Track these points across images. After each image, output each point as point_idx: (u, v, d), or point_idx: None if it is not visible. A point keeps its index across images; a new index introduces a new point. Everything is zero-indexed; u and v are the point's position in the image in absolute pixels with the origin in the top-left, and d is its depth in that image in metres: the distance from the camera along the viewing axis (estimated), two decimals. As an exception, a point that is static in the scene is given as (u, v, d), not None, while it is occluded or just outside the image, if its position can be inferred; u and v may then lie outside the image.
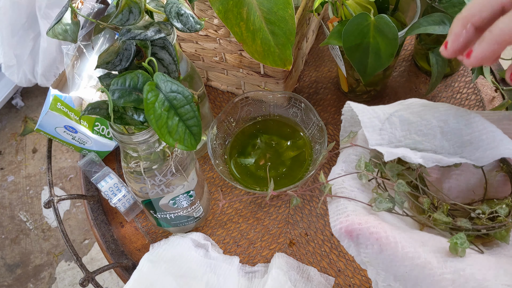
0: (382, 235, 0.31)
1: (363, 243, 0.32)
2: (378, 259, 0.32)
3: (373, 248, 0.31)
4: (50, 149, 0.62)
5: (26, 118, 1.58)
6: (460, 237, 0.31)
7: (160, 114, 0.37)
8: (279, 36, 0.47)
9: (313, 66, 0.69)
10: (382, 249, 0.31)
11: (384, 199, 0.34)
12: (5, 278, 1.31)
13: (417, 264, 0.30)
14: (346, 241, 0.33)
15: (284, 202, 0.59)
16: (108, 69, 0.40)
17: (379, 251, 0.31)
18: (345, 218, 0.33)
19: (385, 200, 0.34)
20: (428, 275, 0.30)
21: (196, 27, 0.41)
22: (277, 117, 0.62)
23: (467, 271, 0.30)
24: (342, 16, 0.52)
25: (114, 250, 0.58)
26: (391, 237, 0.31)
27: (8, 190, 1.45)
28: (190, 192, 0.50)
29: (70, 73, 0.59)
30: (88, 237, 1.34)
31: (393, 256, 0.31)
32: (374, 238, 0.31)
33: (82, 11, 0.59)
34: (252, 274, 0.53)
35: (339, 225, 0.33)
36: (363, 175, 0.35)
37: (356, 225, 0.32)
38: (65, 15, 0.42)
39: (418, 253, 0.30)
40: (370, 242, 0.31)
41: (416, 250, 0.31)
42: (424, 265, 0.30)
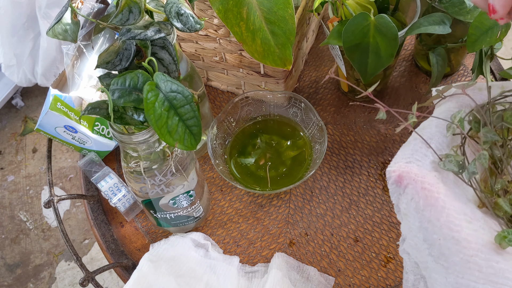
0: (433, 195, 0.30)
1: (409, 194, 0.31)
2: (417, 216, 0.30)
3: (417, 203, 0.30)
4: (50, 149, 0.62)
5: (26, 118, 1.58)
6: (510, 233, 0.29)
7: (160, 114, 0.37)
8: (279, 36, 0.47)
9: (313, 66, 0.69)
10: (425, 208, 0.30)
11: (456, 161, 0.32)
12: (5, 278, 1.31)
13: (453, 237, 0.29)
14: (394, 186, 0.31)
15: (284, 202, 0.59)
16: (108, 69, 0.40)
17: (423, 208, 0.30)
18: (406, 163, 0.32)
19: (455, 162, 0.32)
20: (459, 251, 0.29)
21: (196, 27, 0.41)
22: (277, 117, 0.62)
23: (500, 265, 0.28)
24: (342, 16, 0.52)
25: (114, 250, 0.58)
26: (441, 200, 0.30)
27: (8, 190, 1.45)
28: (190, 192, 0.50)
29: (70, 73, 0.59)
30: (88, 237, 1.34)
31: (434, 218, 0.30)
32: (424, 194, 0.30)
33: (82, 11, 0.59)
34: (252, 274, 0.53)
35: (396, 168, 0.32)
36: (451, 127, 0.32)
37: (412, 175, 0.31)
38: (65, 15, 0.42)
39: (460, 227, 0.29)
40: (418, 196, 0.30)
41: (460, 223, 0.29)
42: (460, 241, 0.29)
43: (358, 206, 0.57)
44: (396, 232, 0.55)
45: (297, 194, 0.59)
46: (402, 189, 0.31)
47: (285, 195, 0.59)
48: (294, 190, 0.59)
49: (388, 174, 0.32)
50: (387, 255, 0.54)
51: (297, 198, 0.59)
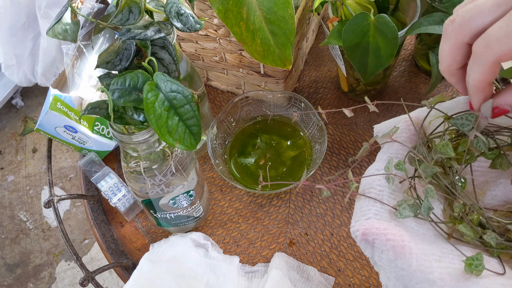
0: (398, 244, 0.31)
1: (379, 248, 0.32)
2: (391, 266, 0.32)
3: (388, 255, 0.31)
4: (50, 149, 0.62)
5: (26, 118, 1.58)
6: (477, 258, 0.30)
7: (160, 114, 0.37)
8: (279, 35, 0.47)
9: (313, 66, 0.69)
10: (396, 258, 0.31)
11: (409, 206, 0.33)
12: (5, 278, 1.31)
13: (428, 279, 0.30)
14: (363, 243, 0.33)
15: (284, 202, 0.59)
16: (108, 68, 0.40)
17: (393, 259, 0.31)
18: (365, 220, 0.33)
19: (409, 207, 0.33)
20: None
21: (196, 27, 0.41)
22: (277, 117, 0.62)
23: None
24: (342, 15, 0.52)
25: (114, 250, 0.58)
26: (407, 247, 0.31)
27: (8, 190, 1.45)
28: (190, 192, 0.50)
29: (70, 72, 0.59)
30: (88, 236, 1.34)
31: (406, 266, 0.31)
32: (391, 245, 0.31)
33: (82, 10, 0.59)
34: (252, 274, 0.53)
35: (358, 227, 0.33)
36: (390, 178, 0.34)
37: (374, 229, 0.32)
38: (65, 14, 0.42)
39: (432, 268, 0.30)
40: (385, 248, 0.31)
41: (431, 264, 0.30)
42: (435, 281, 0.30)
43: (358, 206, 0.57)
44: (396, 232, 0.55)
45: (297, 194, 0.59)
46: (370, 245, 0.32)
47: (285, 195, 0.59)
48: (294, 190, 0.59)
49: (353, 234, 0.33)
50: (387, 255, 0.54)
51: (297, 198, 0.59)
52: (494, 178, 0.38)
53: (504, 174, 0.37)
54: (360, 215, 0.35)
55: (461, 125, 0.34)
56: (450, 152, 0.33)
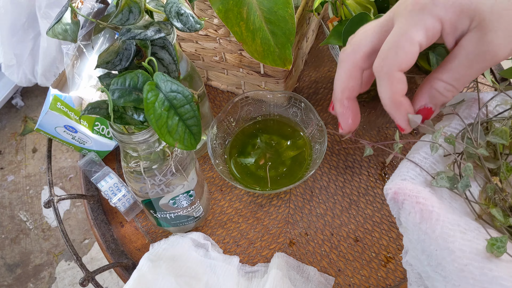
0: (427, 208, 0.32)
1: (406, 209, 0.32)
2: (415, 229, 0.32)
3: (414, 217, 0.32)
4: (50, 149, 0.62)
5: (26, 118, 1.58)
6: (501, 240, 0.30)
7: (160, 114, 0.37)
8: (279, 35, 0.47)
9: (313, 66, 0.69)
10: (421, 221, 0.31)
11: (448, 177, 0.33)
12: (5, 278, 1.31)
13: (448, 247, 0.30)
14: (392, 202, 0.33)
15: (284, 202, 0.59)
16: (108, 68, 0.40)
17: (419, 221, 0.32)
18: (400, 181, 0.33)
19: (447, 179, 0.33)
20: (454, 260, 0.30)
21: (196, 27, 0.41)
22: (277, 117, 0.62)
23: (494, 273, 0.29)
24: (342, 15, 0.52)
25: (114, 249, 0.58)
26: (435, 213, 0.31)
27: (8, 189, 1.45)
28: (190, 192, 0.50)
29: (70, 72, 0.59)
30: (88, 236, 1.34)
31: (430, 231, 0.31)
32: (419, 208, 0.32)
33: (82, 10, 0.59)
34: (252, 274, 0.53)
35: (391, 186, 0.33)
36: (434, 146, 0.34)
37: (407, 191, 0.32)
38: (65, 14, 0.42)
39: (454, 238, 0.30)
40: (413, 210, 0.32)
41: (455, 234, 0.31)
42: (454, 250, 0.30)
43: (358, 206, 0.57)
44: (396, 232, 0.55)
45: (297, 194, 0.59)
46: (399, 205, 0.33)
47: (285, 195, 0.59)
48: (294, 190, 0.59)
49: (385, 192, 0.34)
50: (387, 255, 0.54)
51: (297, 198, 0.59)
52: None
53: None
54: (397, 175, 0.35)
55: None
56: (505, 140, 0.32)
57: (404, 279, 0.52)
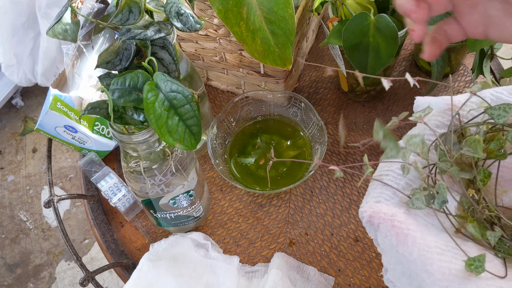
0: (402, 232, 0.31)
1: (382, 232, 0.32)
2: (392, 251, 0.32)
3: (390, 240, 0.32)
4: (50, 149, 0.62)
5: (26, 118, 1.58)
6: (478, 259, 0.30)
7: (160, 114, 0.37)
8: (279, 35, 0.47)
9: (313, 66, 0.69)
10: (398, 244, 0.31)
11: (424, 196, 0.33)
12: (5, 278, 1.31)
13: (426, 270, 0.30)
14: (368, 225, 0.33)
15: (284, 201, 0.59)
16: (108, 68, 0.40)
17: (395, 245, 0.32)
18: (375, 203, 0.33)
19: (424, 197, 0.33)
20: (434, 283, 0.30)
21: (196, 27, 0.41)
22: (277, 117, 0.62)
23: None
24: (342, 15, 0.52)
25: (114, 249, 0.58)
26: (411, 236, 0.31)
27: (8, 189, 1.45)
28: (190, 192, 0.50)
29: (70, 72, 0.59)
30: (88, 236, 1.34)
31: (407, 254, 0.31)
32: (395, 232, 0.32)
33: (82, 10, 0.59)
34: (252, 274, 0.53)
35: (366, 209, 0.33)
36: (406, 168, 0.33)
37: (382, 214, 0.32)
38: (65, 14, 0.42)
39: (432, 260, 0.30)
40: (389, 234, 0.32)
41: (432, 256, 0.31)
42: (433, 273, 0.30)
43: (358, 206, 0.57)
44: (396, 232, 0.55)
45: (297, 194, 0.59)
46: (375, 228, 0.33)
47: (285, 195, 0.59)
48: (294, 190, 0.59)
49: (360, 214, 0.34)
50: (387, 255, 0.54)
51: (297, 198, 0.59)
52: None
53: None
54: (371, 197, 0.34)
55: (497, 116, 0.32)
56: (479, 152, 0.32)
57: (404, 279, 0.52)
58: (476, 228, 0.33)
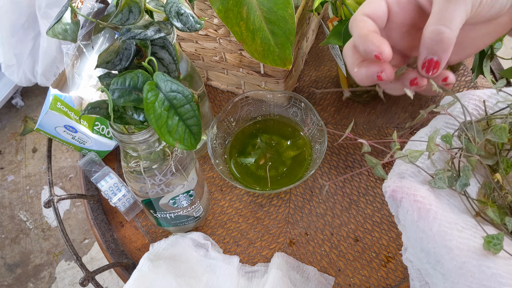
0: (424, 207, 0.32)
1: (404, 207, 0.32)
2: (413, 227, 0.32)
3: (412, 215, 0.32)
4: (50, 149, 0.62)
5: (26, 118, 1.58)
6: (497, 237, 0.30)
7: (160, 114, 0.37)
8: (279, 35, 0.47)
9: (313, 66, 0.69)
10: (419, 219, 0.32)
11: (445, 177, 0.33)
12: (5, 278, 1.31)
13: (446, 245, 0.31)
14: (391, 200, 0.33)
15: (284, 201, 0.59)
16: (108, 68, 0.40)
17: (416, 219, 0.32)
18: (399, 179, 0.34)
19: (445, 179, 0.33)
20: (453, 258, 0.30)
21: (196, 27, 0.41)
22: (277, 117, 0.62)
23: (492, 270, 0.29)
24: (342, 15, 0.52)
25: (114, 249, 0.58)
26: (433, 211, 0.31)
27: (8, 189, 1.45)
28: (190, 192, 0.50)
29: (70, 72, 0.59)
30: (88, 236, 1.34)
31: (427, 229, 0.31)
32: (417, 206, 0.32)
33: (82, 10, 0.59)
34: (252, 274, 0.53)
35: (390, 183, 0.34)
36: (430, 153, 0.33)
37: (405, 189, 0.33)
38: (65, 14, 0.42)
39: (452, 236, 0.31)
40: (411, 208, 0.32)
41: (452, 232, 0.31)
42: (452, 248, 0.30)
43: (358, 205, 0.57)
44: (396, 232, 0.55)
45: (297, 194, 0.59)
46: (398, 203, 0.33)
47: (285, 195, 0.59)
48: (294, 190, 0.59)
49: (384, 189, 0.34)
50: (387, 254, 0.54)
51: (297, 198, 0.59)
52: None
53: None
54: (395, 173, 0.35)
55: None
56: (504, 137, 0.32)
57: (404, 279, 0.52)
58: (496, 213, 0.33)
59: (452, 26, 0.32)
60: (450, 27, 0.32)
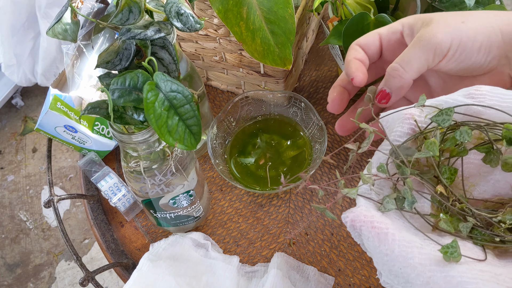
0: (382, 231, 0.33)
1: (365, 234, 0.34)
2: (377, 252, 0.33)
3: (373, 241, 0.33)
4: (50, 149, 0.62)
5: (26, 118, 1.59)
6: (452, 246, 0.31)
7: (160, 114, 0.37)
8: (279, 35, 0.47)
9: (313, 66, 0.69)
10: (380, 244, 0.33)
11: (392, 200, 0.35)
12: (5, 278, 1.31)
13: (410, 264, 0.32)
14: (352, 229, 0.35)
15: (284, 201, 0.59)
16: (108, 68, 0.40)
17: (378, 245, 0.33)
18: (355, 209, 0.35)
19: (392, 202, 0.35)
20: (419, 275, 0.31)
21: (196, 27, 0.41)
22: (277, 117, 0.62)
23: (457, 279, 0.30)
24: (342, 15, 0.52)
25: (114, 249, 0.58)
26: (390, 234, 0.33)
27: (8, 189, 1.45)
28: (190, 192, 0.50)
29: (70, 72, 0.59)
30: (88, 236, 1.34)
31: (389, 251, 0.33)
32: (375, 232, 0.33)
33: (82, 10, 0.59)
34: (252, 274, 0.53)
35: (348, 214, 0.35)
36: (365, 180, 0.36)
37: (362, 217, 0.34)
38: (65, 14, 0.42)
39: (413, 253, 0.32)
40: (371, 235, 0.33)
41: (412, 250, 0.32)
42: (416, 266, 0.31)
43: (358, 205, 0.57)
44: (396, 232, 0.55)
45: (297, 194, 0.59)
46: (358, 231, 0.34)
47: (285, 195, 0.59)
48: (294, 190, 0.59)
49: (343, 220, 0.36)
50: (387, 254, 0.54)
51: (297, 198, 0.59)
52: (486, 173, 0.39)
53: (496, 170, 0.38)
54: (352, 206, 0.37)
55: (442, 121, 0.35)
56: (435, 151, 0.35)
57: (404, 279, 0.52)
58: (448, 222, 0.35)
59: (407, 67, 0.38)
60: (405, 68, 0.38)
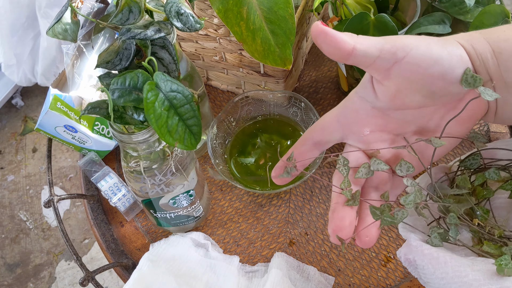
0: (433, 257, 0.34)
1: (420, 264, 0.35)
2: (434, 278, 0.35)
3: (428, 268, 0.35)
4: (50, 149, 0.62)
5: (26, 118, 1.59)
6: (505, 258, 0.33)
7: (160, 114, 0.37)
8: (279, 35, 0.47)
9: (313, 66, 0.69)
10: (435, 270, 0.34)
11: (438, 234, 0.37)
12: (5, 278, 1.31)
13: (465, 282, 0.33)
14: (407, 263, 0.36)
15: (284, 201, 0.59)
16: (108, 68, 0.40)
17: (433, 271, 0.34)
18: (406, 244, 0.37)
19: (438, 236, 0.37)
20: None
21: (196, 27, 0.41)
22: (277, 117, 0.62)
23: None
24: (342, 15, 0.52)
25: (114, 249, 0.58)
26: (442, 257, 0.34)
27: (8, 189, 1.45)
28: (190, 192, 0.50)
29: (70, 72, 0.59)
30: (88, 236, 1.34)
31: (444, 275, 0.34)
32: (428, 259, 0.35)
33: (82, 10, 0.59)
34: (252, 274, 0.53)
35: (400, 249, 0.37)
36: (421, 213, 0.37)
37: (413, 248, 0.36)
38: (65, 14, 0.42)
39: (466, 272, 0.33)
40: (425, 263, 0.35)
41: (465, 269, 0.33)
42: (470, 283, 0.33)
43: (358, 205, 0.57)
44: (395, 232, 0.55)
45: (297, 194, 0.59)
46: (414, 264, 0.36)
47: (285, 195, 0.59)
48: (294, 190, 0.59)
49: (399, 257, 0.37)
50: (387, 254, 0.54)
51: (297, 197, 0.59)
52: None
53: None
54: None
55: (471, 165, 0.38)
56: (467, 184, 0.37)
57: (404, 279, 0.52)
58: (491, 246, 0.36)
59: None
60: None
